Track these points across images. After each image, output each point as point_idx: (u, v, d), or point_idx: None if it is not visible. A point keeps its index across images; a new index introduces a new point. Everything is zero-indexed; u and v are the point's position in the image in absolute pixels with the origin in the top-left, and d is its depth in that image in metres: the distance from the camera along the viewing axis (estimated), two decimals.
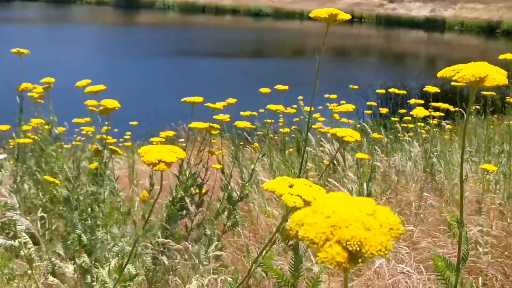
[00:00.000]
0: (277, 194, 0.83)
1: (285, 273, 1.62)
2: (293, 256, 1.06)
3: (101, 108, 1.46)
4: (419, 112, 2.32)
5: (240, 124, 2.05)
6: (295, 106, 4.39)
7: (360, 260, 0.44)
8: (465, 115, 3.34)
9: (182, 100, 1.83)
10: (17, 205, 1.06)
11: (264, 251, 1.40)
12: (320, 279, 1.01)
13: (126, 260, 1.10)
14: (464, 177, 1.06)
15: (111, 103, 1.45)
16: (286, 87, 2.16)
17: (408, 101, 3.08)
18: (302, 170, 1.33)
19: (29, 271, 1.12)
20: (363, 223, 0.45)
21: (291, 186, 0.85)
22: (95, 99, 1.59)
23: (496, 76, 0.84)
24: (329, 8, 1.21)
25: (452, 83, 2.76)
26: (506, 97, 3.07)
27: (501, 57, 2.21)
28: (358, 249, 0.43)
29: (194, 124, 1.81)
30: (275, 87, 2.31)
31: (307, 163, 3.34)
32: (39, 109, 2.61)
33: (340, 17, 1.20)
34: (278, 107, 1.79)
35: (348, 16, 1.22)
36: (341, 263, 0.43)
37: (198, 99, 1.80)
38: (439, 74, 0.91)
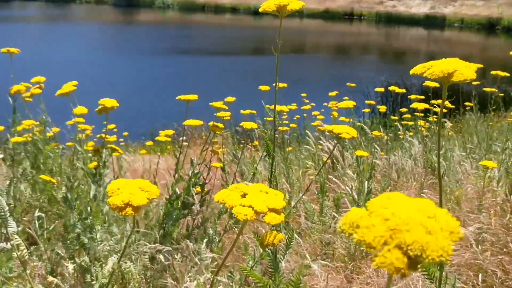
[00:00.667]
0: (227, 206, 0.78)
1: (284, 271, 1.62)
2: (270, 262, 1.04)
3: (99, 107, 1.46)
4: (419, 105, 2.32)
5: (247, 125, 2.04)
6: (294, 104, 4.38)
7: (419, 266, 0.42)
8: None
9: (177, 98, 1.81)
10: (6, 208, 1.05)
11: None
12: (299, 283, 0.99)
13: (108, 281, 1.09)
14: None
15: (110, 102, 1.44)
16: (285, 85, 2.16)
17: (408, 97, 3.07)
18: (273, 172, 1.29)
19: (23, 273, 1.11)
20: (425, 227, 0.43)
21: (244, 196, 0.80)
22: (77, 96, 1.59)
23: (464, 71, 0.85)
24: None
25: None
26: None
27: None
28: (419, 254, 0.41)
29: (189, 122, 1.80)
30: (274, 84, 2.30)
31: (307, 161, 3.34)
32: (35, 109, 2.60)
33: (290, 7, 1.11)
34: (281, 107, 1.78)
35: (299, 4, 1.13)
36: (400, 268, 0.41)
37: (193, 97, 1.78)
38: (411, 72, 0.92)
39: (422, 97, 2.85)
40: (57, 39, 21.59)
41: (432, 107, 3.15)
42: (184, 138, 5.41)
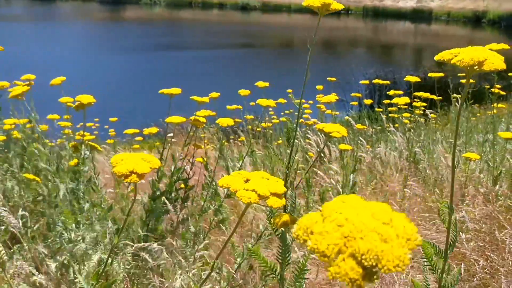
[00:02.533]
0: (232, 190, 0.82)
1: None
2: (280, 245, 1.05)
3: (76, 104, 1.44)
4: (400, 100, 2.34)
5: (223, 121, 2.01)
6: (281, 100, 4.39)
7: (375, 277, 0.39)
8: (457, 103, 3.36)
9: (160, 92, 1.79)
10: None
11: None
12: (306, 269, 1.00)
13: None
14: (456, 163, 1.08)
15: (86, 98, 1.43)
16: (267, 84, 2.16)
17: (387, 93, 3.09)
18: (292, 159, 1.32)
19: (2, 274, 1.10)
20: (380, 234, 0.40)
21: (246, 181, 0.84)
22: (64, 92, 1.57)
23: (494, 60, 0.83)
24: None
25: (429, 74, 2.80)
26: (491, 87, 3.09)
27: (487, 47, 2.21)
28: (374, 264, 0.39)
29: (170, 119, 1.78)
30: (255, 84, 2.30)
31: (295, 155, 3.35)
32: (20, 107, 2.58)
33: (333, 6, 1.18)
34: (268, 102, 1.76)
35: (341, 6, 1.20)
36: (355, 280, 0.39)
37: (176, 90, 1.76)
38: (436, 58, 0.90)
39: (401, 92, 2.86)
40: (43, 37, 21.36)
41: (418, 100, 3.17)
42: (171, 134, 5.39)
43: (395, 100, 2.41)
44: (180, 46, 19.60)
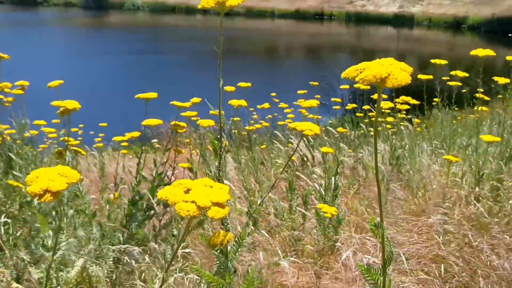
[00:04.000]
0: (170, 203, 0.78)
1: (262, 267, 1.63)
2: (220, 260, 1.03)
3: (61, 109, 1.44)
4: (383, 104, 2.37)
5: (204, 122, 2.02)
6: (267, 103, 4.40)
7: None
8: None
9: (136, 96, 1.79)
10: None
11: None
12: (254, 281, 0.98)
13: None
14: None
15: (71, 104, 1.43)
16: (249, 84, 2.16)
17: (371, 96, 3.13)
18: (222, 171, 1.30)
19: None
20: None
21: (187, 191, 0.81)
22: (56, 94, 1.56)
23: (399, 75, 0.80)
24: None
25: (419, 76, 2.85)
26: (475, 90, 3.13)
27: (473, 52, 2.27)
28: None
29: (147, 121, 1.78)
30: (238, 84, 2.31)
31: (277, 160, 3.37)
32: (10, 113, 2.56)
33: (228, 3, 1.12)
34: (240, 102, 1.76)
35: (237, 1, 1.13)
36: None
37: (152, 95, 1.76)
38: (343, 75, 0.87)
39: (385, 96, 2.90)
40: (26, 43, 21.10)
41: (400, 104, 3.21)
42: (156, 140, 5.36)
43: (366, 107, 2.45)
44: (161, 51, 19.57)
